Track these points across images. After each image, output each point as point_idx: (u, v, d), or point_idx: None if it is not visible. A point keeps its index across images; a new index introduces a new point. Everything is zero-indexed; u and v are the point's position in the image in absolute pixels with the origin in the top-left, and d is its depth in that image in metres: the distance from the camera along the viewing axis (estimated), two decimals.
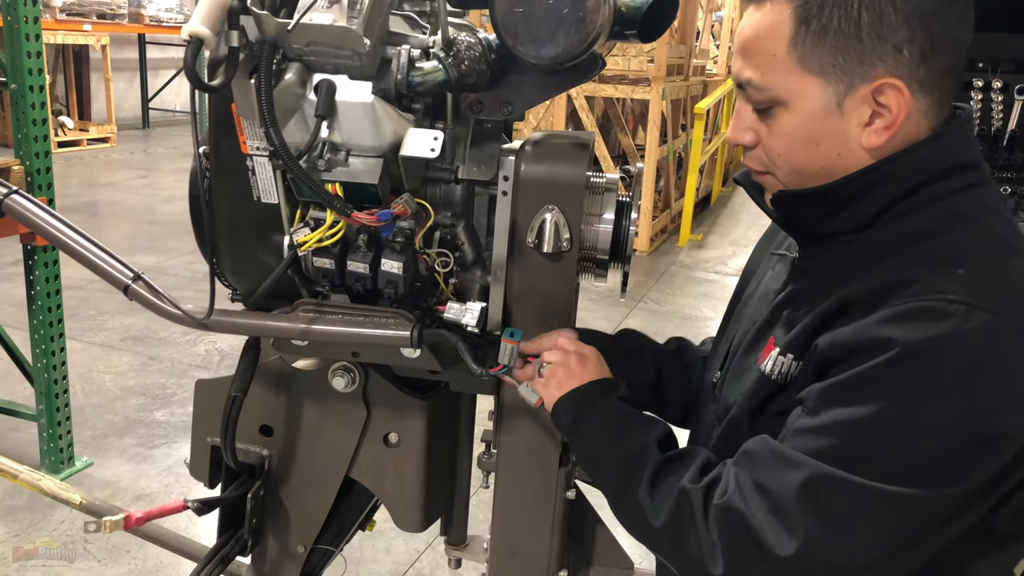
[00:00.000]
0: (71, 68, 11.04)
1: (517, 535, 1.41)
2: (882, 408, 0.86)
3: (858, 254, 0.99)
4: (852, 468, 0.86)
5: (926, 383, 0.86)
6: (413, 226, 1.22)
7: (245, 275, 1.32)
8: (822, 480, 0.87)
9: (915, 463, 0.86)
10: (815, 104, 0.97)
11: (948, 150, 0.98)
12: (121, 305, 4.95)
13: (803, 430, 0.91)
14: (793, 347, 1.00)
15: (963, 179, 0.98)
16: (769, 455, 0.93)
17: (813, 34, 0.95)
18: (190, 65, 0.99)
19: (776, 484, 0.90)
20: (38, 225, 1.34)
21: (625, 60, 6.71)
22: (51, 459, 3.19)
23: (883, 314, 0.89)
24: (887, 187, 0.98)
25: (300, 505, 1.52)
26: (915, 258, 0.94)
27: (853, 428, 0.88)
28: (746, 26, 1.01)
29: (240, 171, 1.23)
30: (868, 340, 0.88)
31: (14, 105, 2.82)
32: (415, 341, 1.21)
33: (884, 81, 0.94)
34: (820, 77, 0.96)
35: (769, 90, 0.99)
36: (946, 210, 0.97)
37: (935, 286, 0.88)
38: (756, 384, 1.05)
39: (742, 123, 1.06)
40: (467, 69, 1.16)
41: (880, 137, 0.97)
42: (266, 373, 1.44)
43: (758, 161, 1.07)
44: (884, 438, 0.87)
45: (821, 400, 0.91)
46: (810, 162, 1.01)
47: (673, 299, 5.82)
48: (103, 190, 8.44)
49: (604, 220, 1.26)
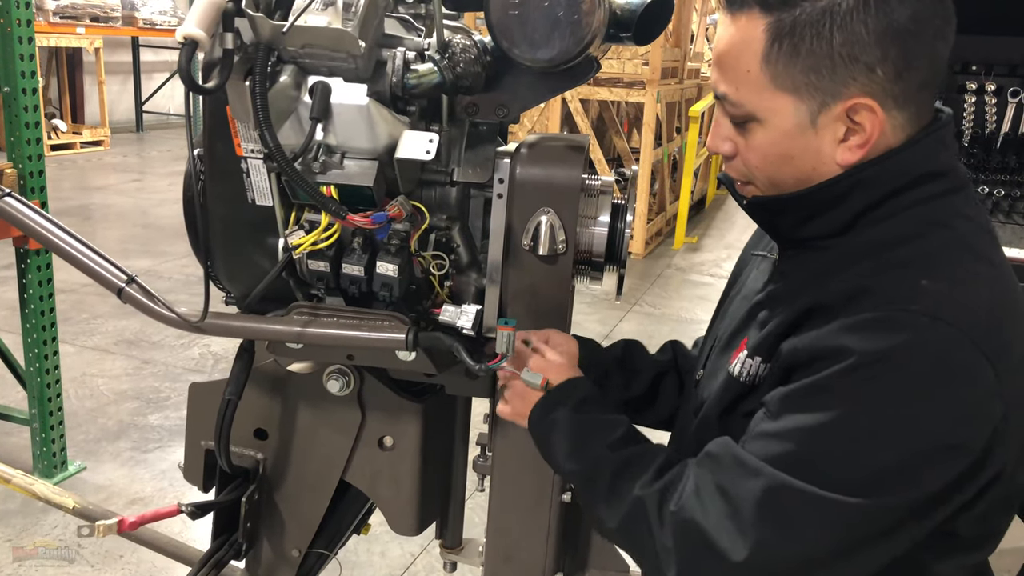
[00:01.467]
0: (64, 71, 11.01)
1: (512, 538, 1.41)
2: (837, 417, 0.88)
3: (832, 259, 1.00)
4: (807, 476, 0.88)
5: (881, 393, 0.87)
6: (408, 229, 1.22)
7: (240, 278, 1.32)
8: (778, 489, 0.89)
9: (867, 472, 0.87)
10: (789, 121, 0.98)
11: (922, 157, 0.98)
12: (114, 309, 4.93)
13: (763, 434, 0.93)
14: (761, 350, 1.01)
15: (937, 186, 0.99)
16: (731, 460, 0.94)
17: (786, 52, 0.94)
18: (185, 67, 0.99)
19: (735, 490, 0.92)
20: (31, 228, 1.34)
21: (620, 63, 6.72)
22: (44, 463, 3.18)
23: (844, 322, 0.90)
24: (860, 194, 0.98)
25: (295, 509, 1.52)
26: (881, 265, 0.94)
27: (809, 435, 0.89)
28: (722, 37, 1.01)
29: (235, 173, 1.22)
30: (828, 348, 0.90)
31: (7, 108, 2.81)
32: (410, 344, 1.20)
33: (857, 101, 0.94)
34: (793, 95, 0.96)
35: (743, 106, 1.00)
36: (918, 217, 0.97)
37: (897, 296, 0.89)
38: (724, 385, 1.07)
39: (720, 133, 1.06)
40: (462, 72, 1.16)
41: (854, 154, 0.98)
42: (261, 376, 1.43)
43: (737, 171, 1.07)
44: (838, 447, 0.88)
45: (782, 405, 0.93)
46: (785, 175, 1.02)
47: (668, 302, 5.83)
48: (96, 193, 8.41)
49: (599, 223, 1.26)
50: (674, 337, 1.54)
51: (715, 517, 0.92)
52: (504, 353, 1.18)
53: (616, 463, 1.06)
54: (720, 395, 1.08)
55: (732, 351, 1.08)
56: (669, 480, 1.01)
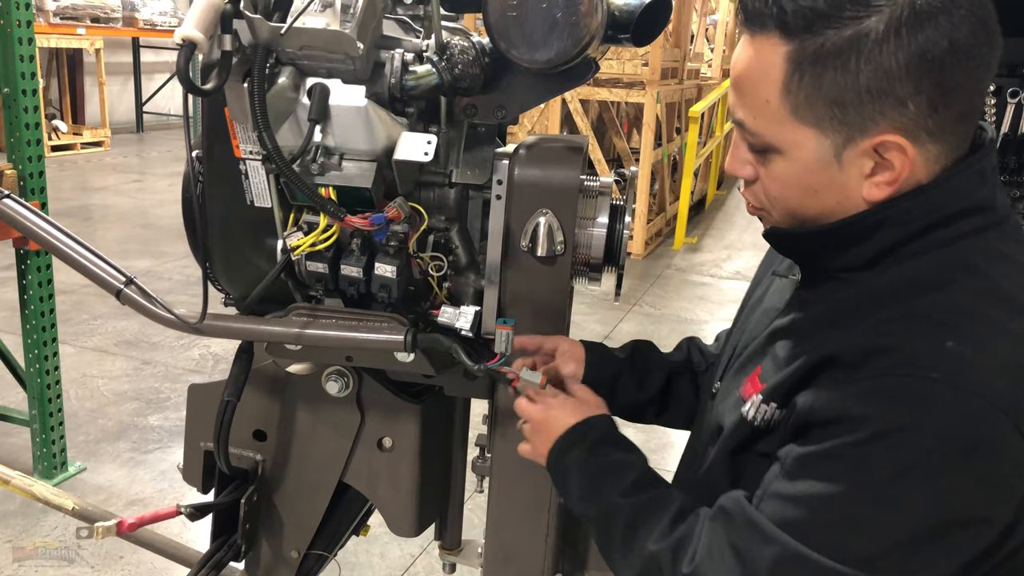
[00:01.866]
0: (65, 72, 11.01)
1: (511, 539, 1.41)
2: (851, 488, 0.84)
3: (854, 298, 0.94)
4: (820, 547, 0.84)
5: (897, 466, 0.82)
6: (407, 230, 1.22)
7: (238, 279, 1.32)
8: (791, 558, 0.85)
9: (880, 547, 0.83)
10: (811, 155, 0.91)
11: (956, 193, 0.91)
12: (114, 309, 4.93)
13: (777, 495, 0.89)
14: (775, 396, 0.96)
15: (971, 223, 0.91)
16: (744, 521, 0.91)
17: (807, 84, 0.87)
18: (183, 69, 0.99)
19: (749, 554, 0.89)
20: (30, 229, 1.34)
21: (620, 64, 6.72)
22: (44, 464, 3.18)
23: (862, 386, 0.85)
24: (887, 232, 0.91)
25: (294, 510, 1.52)
26: (906, 318, 0.87)
27: (823, 504, 0.85)
28: (740, 58, 0.94)
29: (233, 175, 1.22)
30: (844, 414, 0.85)
31: (7, 109, 2.81)
32: (409, 345, 1.20)
33: (885, 138, 0.87)
34: (816, 128, 0.89)
35: (762, 136, 0.93)
36: (951, 258, 0.90)
37: (920, 359, 0.83)
38: (737, 426, 1.02)
39: (740, 156, 0.99)
40: (460, 73, 1.16)
41: (882, 191, 0.91)
42: (259, 378, 1.43)
43: (755, 198, 1.01)
44: (852, 518, 0.84)
45: (796, 466, 0.88)
46: (807, 208, 0.96)
47: (668, 302, 5.83)
48: (97, 194, 8.42)
49: (598, 224, 1.26)
50: (674, 337, 1.53)
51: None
52: (503, 353, 1.18)
53: (629, 512, 1.03)
54: (731, 435, 1.03)
55: (746, 377, 1.04)
56: (682, 535, 0.97)
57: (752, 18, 0.91)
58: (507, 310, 1.26)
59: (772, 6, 0.88)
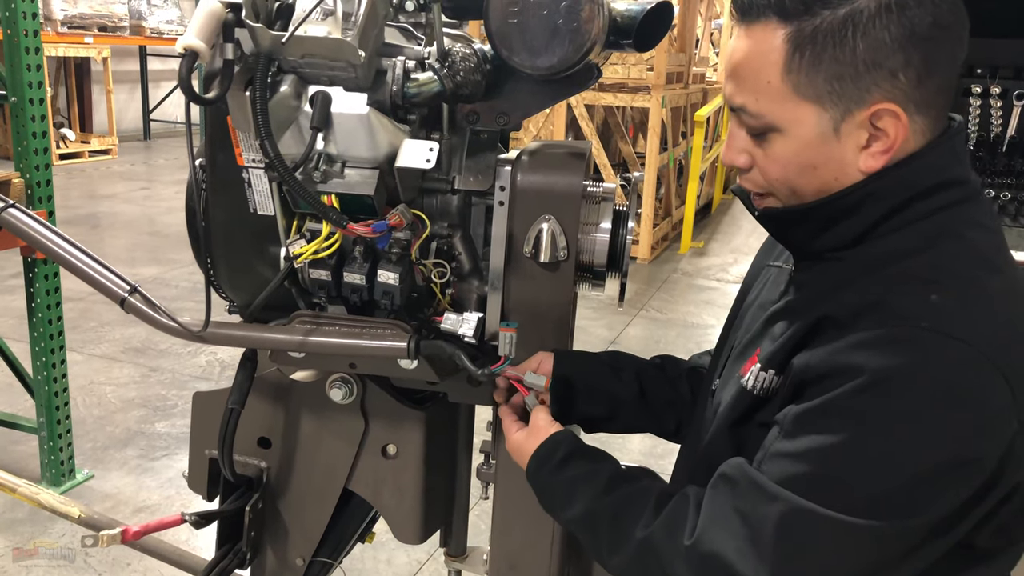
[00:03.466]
0: (72, 80, 11.07)
1: (517, 546, 1.40)
2: (851, 437, 0.87)
3: (845, 271, 0.98)
4: (824, 499, 0.87)
5: (894, 412, 0.86)
6: (409, 237, 1.22)
7: (242, 287, 1.32)
8: (797, 513, 0.88)
9: (885, 492, 0.86)
10: (811, 130, 0.96)
11: (934, 167, 0.97)
12: (121, 317, 4.90)
13: (779, 454, 0.92)
14: (773, 363, 1.00)
15: (949, 196, 0.97)
16: (748, 483, 0.93)
17: (808, 61, 0.93)
18: (185, 78, 0.99)
19: (755, 514, 0.91)
20: (35, 239, 1.35)
21: (624, 68, 6.72)
22: (52, 472, 3.19)
23: (854, 339, 0.89)
24: (872, 206, 0.97)
25: (299, 517, 1.52)
26: (891, 279, 0.93)
27: (825, 456, 0.88)
28: (737, 49, 0.99)
29: (236, 183, 1.23)
30: (837, 366, 0.89)
31: (14, 118, 2.82)
32: (412, 352, 1.20)
33: (881, 107, 0.93)
34: (816, 104, 0.95)
35: (764, 117, 0.98)
36: (931, 228, 0.96)
37: (907, 312, 0.88)
38: (737, 397, 1.05)
39: (736, 145, 1.04)
40: (462, 80, 1.16)
41: (878, 160, 0.96)
42: (264, 385, 1.44)
43: (755, 183, 1.05)
44: (854, 467, 0.87)
45: (795, 424, 0.92)
46: (807, 185, 1.00)
47: (675, 307, 5.81)
48: (104, 202, 8.46)
49: (601, 230, 1.26)
50: (681, 342, 1.53)
51: (735, 542, 0.91)
52: (507, 355, 1.18)
53: (611, 508, 1.05)
54: (732, 406, 1.06)
55: (745, 360, 1.07)
56: (672, 514, 1.00)
57: (747, 10, 0.96)
58: (510, 316, 1.26)
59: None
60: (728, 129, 1.06)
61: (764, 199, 1.07)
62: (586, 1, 1.10)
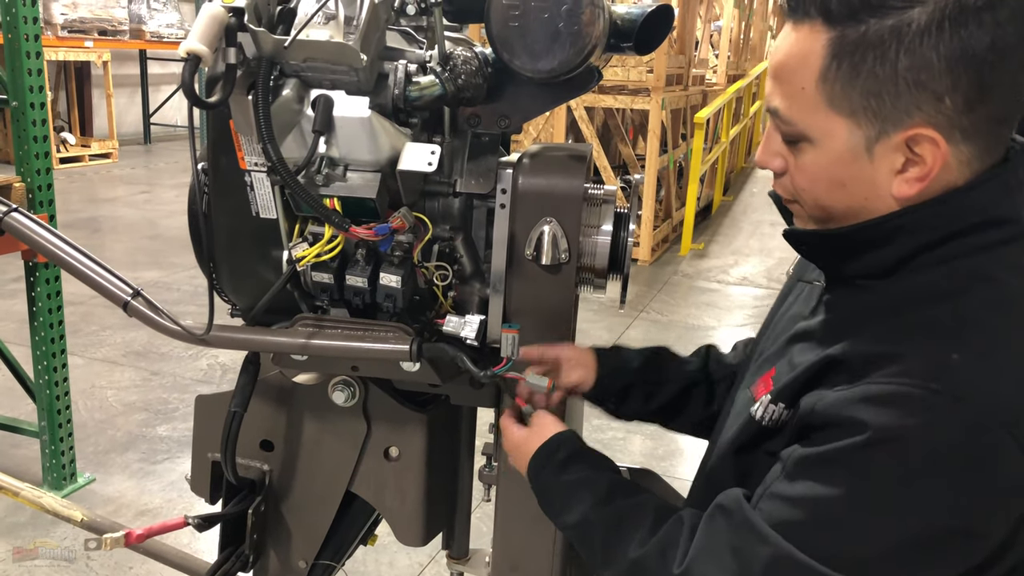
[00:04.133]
0: (73, 84, 11.09)
1: (519, 548, 1.41)
2: (848, 492, 0.84)
3: (871, 303, 0.93)
4: (814, 551, 0.85)
5: (892, 474, 0.82)
6: (411, 240, 1.22)
7: (244, 290, 1.33)
8: (783, 560, 0.86)
9: (873, 554, 0.84)
10: (842, 146, 0.90)
11: (978, 204, 0.89)
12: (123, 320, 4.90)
13: (776, 496, 0.90)
14: (784, 396, 0.97)
15: (992, 235, 0.89)
16: (742, 520, 0.91)
17: (845, 73, 0.86)
18: (188, 82, 1.00)
19: (745, 552, 0.90)
20: (37, 243, 1.35)
21: (624, 70, 6.73)
22: (53, 476, 3.19)
23: (861, 391, 0.85)
24: (904, 240, 0.90)
25: (301, 520, 1.52)
26: (914, 327, 0.87)
27: (819, 507, 0.86)
28: (780, 47, 0.93)
29: (239, 187, 1.23)
30: (843, 418, 0.85)
31: (15, 123, 2.83)
32: (414, 355, 1.21)
33: (920, 131, 0.86)
34: (850, 119, 0.88)
35: (795, 124, 0.93)
36: (965, 269, 0.88)
37: (921, 369, 0.83)
38: (744, 425, 1.03)
39: (771, 147, 0.99)
40: (464, 83, 1.16)
41: (912, 187, 0.89)
42: (266, 388, 1.44)
43: (785, 189, 1.01)
44: (844, 523, 0.85)
45: (797, 468, 0.89)
46: (835, 202, 0.95)
47: (675, 309, 5.82)
48: (105, 205, 8.46)
49: (602, 232, 1.26)
50: (681, 344, 1.52)
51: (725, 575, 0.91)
52: (509, 357, 1.18)
53: (606, 523, 1.05)
54: (738, 434, 1.04)
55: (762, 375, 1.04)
56: (666, 537, 0.99)
57: (795, 6, 0.90)
58: (512, 318, 1.26)
59: None
60: (766, 131, 1.00)
61: (792, 204, 1.03)
62: (587, 4, 1.10)
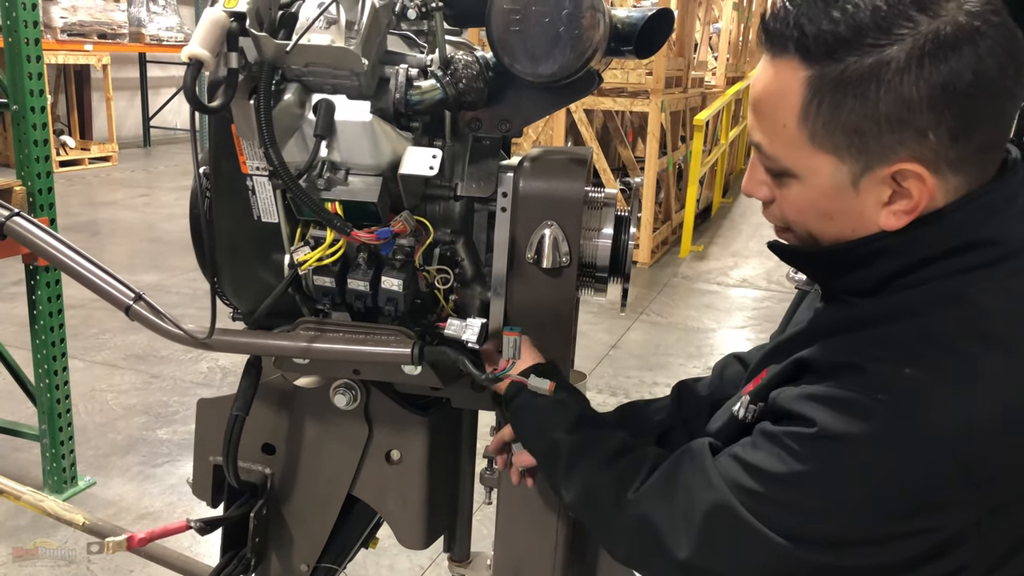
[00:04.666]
0: (72, 88, 11.09)
1: (520, 551, 1.41)
2: (791, 473, 0.89)
3: (850, 319, 0.95)
4: (750, 507, 0.91)
5: (830, 470, 0.87)
6: (413, 243, 1.22)
7: (246, 294, 1.33)
8: (724, 508, 0.93)
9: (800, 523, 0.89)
10: (827, 181, 0.90)
11: (957, 227, 0.88)
12: (123, 324, 4.91)
13: (734, 457, 0.96)
14: (760, 396, 1.02)
15: (973, 258, 0.88)
16: (701, 465, 0.99)
17: (825, 111, 0.86)
18: (190, 87, 1.00)
19: (695, 493, 0.97)
20: (40, 247, 1.35)
21: (624, 73, 6.74)
22: (54, 479, 3.19)
23: (818, 390, 0.90)
24: (885, 262, 0.91)
25: (303, 523, 1.52)
26: (875, 341, 0.89)
27: (765, 478, 0.91)
28: (759, 79, 0.93)
29: (240, 191, 1.23)
30: (796, 410, 0.91)
31: (15, 126, 2.83)
32: (416, 358, 1.21)
33: (905, 167, 0.86)
34: (833, 155, 0.88)
35: (779, 160, 0.93)
36: (945, 290, 0.88)
37: (873, 381, 0.86)
38: (727, 423, 1.07)
39: (756, 176, 0.99)
40: (465, 87, 1.16)
41: (899, 220, 0.89)
42: (268, 391, 1.44)
43: (775, 217, 1.02)
44: (784, 495, 0.90)
45: (758, 437, 0.95)
46: (824, 232, 0.96)
47: (675, 311, 5.82)
48: (104, 209, 8.46)
49: (603, 235, 1.26)
50: (681, 346, 1.53)
51: (672, 510, 0.98)
52: (511, 359, 1.19)
53: (572, 445, 1.12)
54: (721, 430, 1.09)
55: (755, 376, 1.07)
56: (627, 466, 1.06)
57: (773, 39, 0.90)
58: (513, 322, 1.26)
59: (793, 29, 0.87)
60: (751, 160, 1.01)
61: (784, 233, 1.03)
62: (587, 8, 1.10)
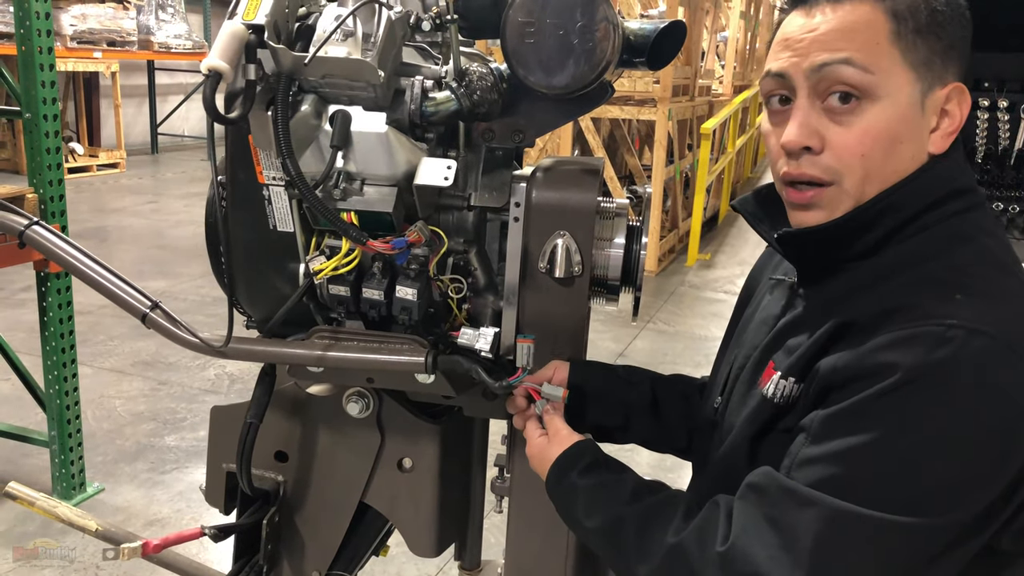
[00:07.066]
0: (81, 95, 11.15)
1: (531, 560, 1.41)
2: (886, 435, 0.85)
3: (861, 278, 0.99)
4: (860, 499, 0.85)
5: (929, 408, 0.85)
6: (427, 253, 1.24)
7: (261, 302, 1.34)
8: (836, 516, 0.85)
9: (922, 489, 0.85)
10: (906, 100, 0.97)
11: (947, 176, 1.00)
12: (131, 330, 4.97)
13: (808, 460, 0.89)
14: (794, 370, 0.99)
15: (962, 202, 1.00)
16: (778, 490, 0.90)
17: (912, 31, 0.96)
18: (209, 99, 1.01)
19: (788, 520, 0.88)
20: (59, 256, 1.36)
21: (631, 81, 6.75)
22: (63, 485, 3.20)
23: (884, 339, 0.88)
24: (890, 217, 0.98)
25: (315, 531, 1.53)
26: (914, 282, 0.94)
27: (859, 456, 0.86)
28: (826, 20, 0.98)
29: (257, 200, 1.25)
30: (870, 367, 0.87)
31: (28, 134, 2.85)
32: (429, 367, 1.22)
33: (956, 85, 0.98)
34: (914, 72, 0.97)
35: (872, 74, 0.96)
36: (945, 232, 0.98)
37: (934, 311, 0.88)
38: (757, 407, 1.03)
39: (809, 123, 0.98)
40: (479, 99, 1.18)
41: (946, 142, 1.00)
42: (281, 399, 1.45)
43: (821, 168, 0.99)
44: (890, 465, 0.85)
45: (824, 428, 0.89)
46: (886, 165, 0.98)
47: (682, 319, 5.82)
48: (112, 215, 8.50)
49: (615, 245, 1.27)
50: (688, 354, 1.54)
51: (767, 551, 0.88)
52: (524, 367, 1.19)
53: (639, 515, 1.03)
54: (752, 418, 1.04)
55: (760, 374, 1.05)
56: (703, 522, 0.96)
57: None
58: (525, 330, 1.27)
59: None
60: (795, 108, 0.99)
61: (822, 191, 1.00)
62: (601, 21, 1.11)
